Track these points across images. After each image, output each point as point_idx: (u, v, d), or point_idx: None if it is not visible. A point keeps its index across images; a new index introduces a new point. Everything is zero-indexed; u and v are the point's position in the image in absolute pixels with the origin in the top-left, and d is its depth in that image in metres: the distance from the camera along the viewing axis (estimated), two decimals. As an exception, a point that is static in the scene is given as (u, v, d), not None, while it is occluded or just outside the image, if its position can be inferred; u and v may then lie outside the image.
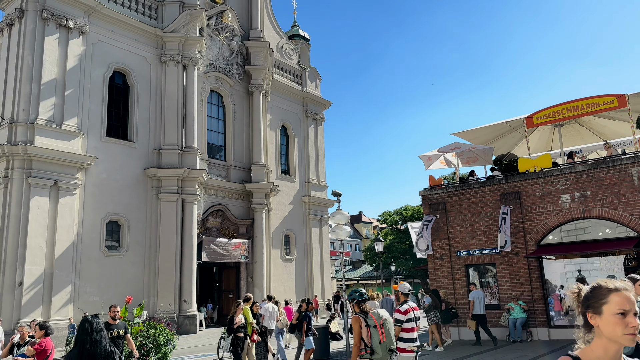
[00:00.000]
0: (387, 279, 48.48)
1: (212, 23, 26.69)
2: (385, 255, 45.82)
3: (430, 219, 16.45)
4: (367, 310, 5.58)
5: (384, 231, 53.75)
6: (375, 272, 53.76)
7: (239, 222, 26.49)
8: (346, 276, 51.91)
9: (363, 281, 58.02)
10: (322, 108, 33.99)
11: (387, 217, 52.20)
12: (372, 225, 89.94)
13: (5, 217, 18.47)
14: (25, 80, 19.35)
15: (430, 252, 16.38)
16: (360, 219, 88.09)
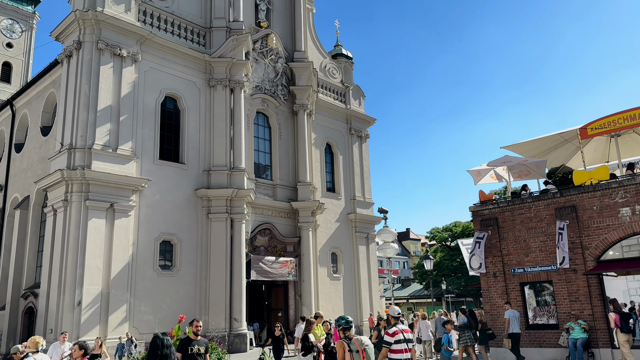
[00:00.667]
0: (438, 297, 47.26)
1: (257, 47, 27.39)
2: (435, 273, 44.78)
3: (482, 235, 15.97)
4: (351, 336, 6.20)
5: (433, 248, 52.68)
6: (425, 291, 52.55)
7: (286, 240, 26.67)
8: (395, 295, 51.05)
9: (413, 300, 56.81)
10: (366, 125, 33.99)
11: (436, 233, 51.13)
12: (421, 242, 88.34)
13: (65, 239, 19.37)
14: (83, 107, 20.42)
15: (483, 270, 15.87)
16: (408, 236, 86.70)
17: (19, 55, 53.77)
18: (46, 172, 21.71)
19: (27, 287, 23.69)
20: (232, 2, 26.23)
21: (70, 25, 21.39)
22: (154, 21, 23.50)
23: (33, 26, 55.85)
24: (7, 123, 28.95)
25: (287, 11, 30.33)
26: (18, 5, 54.90)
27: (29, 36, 55.05)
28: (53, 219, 20.17)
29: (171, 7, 24.35)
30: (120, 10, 21.89)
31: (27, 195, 25.16)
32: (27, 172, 25.58)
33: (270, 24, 28.85)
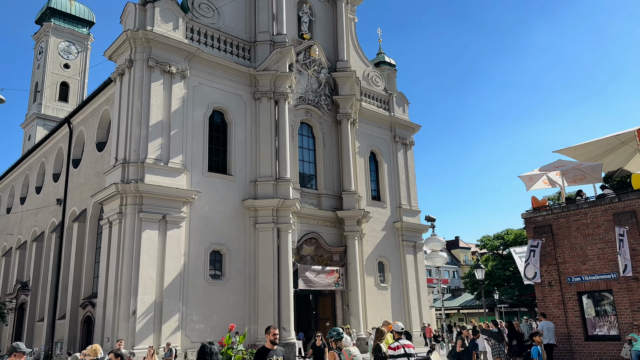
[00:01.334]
0: (490, 308, 45.87)
1: (300, 58, 27.73)
2: (487, 282, 43.50)
3: (536, 243, 15.42)
4: (342, 347, 6.67)
5: (484, 257, 51.23)
6: (477, 301, 51.15)
7: (332, 249, 26.67)
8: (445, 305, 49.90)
9: (464, 310, 55.38)
10: (410, 132, 33.66)
11: (487, 241, 49.73)
12: (471, 250, 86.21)
13: (120, 250, 20.14)
14: (135, 123, 21.27)
15: (538, 280, 15.31)
16: (457, 245, 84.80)
17: (75, 75, 56.69)
18: (102, 186, 22.69)
19: (85, 297, 24.74)
20: (276, 16, 26.72)
21: (122, 44, 22.38)
22: (200, 38, 24.25)
23: (88, 47, 58.81)
24: (65, 140, 30.50)
25: (330, 22, 30.59)
26: (74, 27, 58.01)
27: (84, 57, 58.00)
28: (109, 231, 21.02)
29: (217, 24, 25.06)
30: (169, 29, 22.73)
31: (84, 208, 26.36)
32: (84, 186, 26.82)
33: (313, 36, 29.17)
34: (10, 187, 39.67)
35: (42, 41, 56.49)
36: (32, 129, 52.99)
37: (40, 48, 57.01)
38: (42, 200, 32.43)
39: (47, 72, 54.49)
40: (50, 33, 55.57)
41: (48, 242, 30.01)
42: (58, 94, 54.98)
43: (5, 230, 38.02)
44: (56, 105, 54.29)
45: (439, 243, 15.72)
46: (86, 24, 59.47)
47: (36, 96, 54.99)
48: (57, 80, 55.03)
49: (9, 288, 34.24)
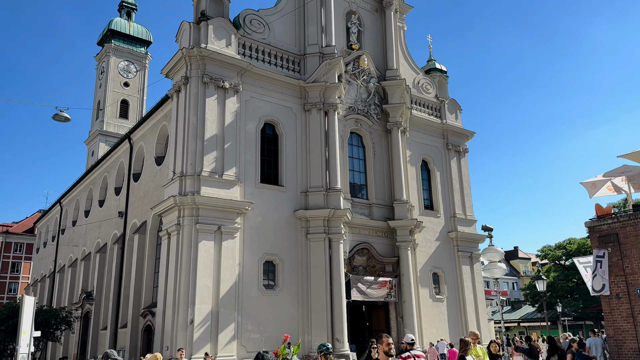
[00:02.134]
0: (552, 321, 43.85)
1: (349, 69, 27.82)
2: (549, 294, 41.62)
3: (602, 253, 14.61)
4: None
5: (545, 268, 49.11)
6: (538, 314, 49.06)
7: (385, 260, 26.36)
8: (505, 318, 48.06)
9: (524, 323, 53.20)
10: (464, 139, 32.91)
11: (548, 251, 47.65)
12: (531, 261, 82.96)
13: (178, 261, 20.77)
14: (192, 138, 21.98)
15: (607, 292, 14.48)
16: (516, 255, 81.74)
17: (135, 93, 59.46)
18: (160, 198, 23.55)
19: (145, 307, 25.65)
20: (325, 28, 26.98)
21: (178, 62, 23.26)
22: (252, 53, 24.83)
23: (146, 66, 61.59)
24: (126, 155, 31.95)
25: (378, 31, 30.54)
26: (133, 47, 60.94)
27: (142, 75, 60.77)
28: (167, 242, 21.75)
29: (268, 39, 25.59)
30: (222, 46, 23.43)
31: (144, 220, 27.43)
32: (144, 199, 27.93)
33: (362, 46, 29.20)
34: (76, 201, 41.88)
35: (104, 61, 59.67)
36: (95, 145, 55.91)
37: (102, 68, 60.23)
38: (105, 213, 34.02)
39: (109, 91, 57.43)
40: (111, 53, 58.64)
41: (110, 253, 31.42)
42: (119, 111, 57.79)
43: (71, 242, 40.13)
44: (117, 122, 57.05)
45: (497, 254, 15.17)
46: (144, 43, 62.35)
47: (99, 114, 58.04)
48: (118, 98, 57.90)
49: (75, 297, 36.04)
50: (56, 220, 46.70)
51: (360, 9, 29.87)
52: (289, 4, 26.85)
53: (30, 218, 78.45)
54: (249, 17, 25.25)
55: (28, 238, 75.30)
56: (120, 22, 60.75)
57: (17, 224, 79.48)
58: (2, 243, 75.23)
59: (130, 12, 63.73)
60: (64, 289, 39.26)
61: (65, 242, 41.90)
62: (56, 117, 18.16)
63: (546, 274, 44.24)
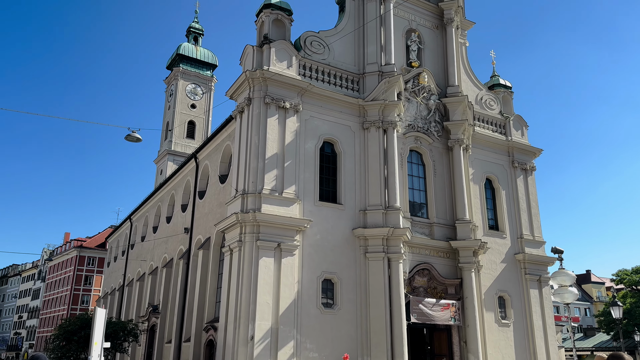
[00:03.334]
0: (630, 350, 40.71)
1: (409, 86, 27.62)
2: (626, 322, 38.75)
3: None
4: None
5: (620, 293, 45.82)
6: (613, 342, 45.74)
7: (447, 281, 25.57)
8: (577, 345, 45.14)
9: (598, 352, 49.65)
10: (531, 157, 31.61)
11: (624, 276, 44.55)
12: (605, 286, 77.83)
13: (239, 277, 21.17)
14: (253, 156, 22.55)
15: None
16: (588, 279, 77.00)
17: (201, 114, 62.05)
18: (224, 215, 24.21)
19: (208, 321, 26.27)
20: (384, 47, 27.02)
21: (242, 84, 24.05)
22: (312, 73, 25.25)
23: (211, 88, 64.24)
24: (192, 174, 33.23)
25: (439, 48, 30.19)
26: (199, 71, 63.81)
27: (208, 97, 63.39)
28: (229, 258, 22.26)
29: (327, 59, 25.96)
30: (284, 67, 24.01)
31: (208, 236, 28.27)
32: (208, 216, 28.84)
33: (422, 63, 28.95)
34: (145, 217, 43.91)
35: (172, 84, 62.83)
36: (164, 164, 58.62)
37: (170, 91, 63.42)
38: (171, 230, 35.41)
39: (177, 112, 60.30)
40: (179, 77, 61.71)
41: (176, 268, 32.57)
42: (186, 132, 60.44)
43: (140, 256, 42.01)
44: (184, 142, 59.63)
45: (567, 277, 14.31)
46: (210, 67, 65.16)
47: (167, 134, 60.98)
48: (185, 120, 60.62)
49: (142, 310, 37.54)
50: (126, 236, 49.14)
51: (421, 27, 29.71)
52: (348, 24, 27.18)
53: (103, 233, 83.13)
54: (309, 39, 25.77)
55: (100, 252, 79.70)
56: (188, 47, 63.87)
57: (90, 238, 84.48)
58: (77, 257, 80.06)
59: (198, 37, 66.92)
60: (132, 302, 41.03)
61: (134, 257, 43.93)
62: (128, 137, 19.25)
63: (622, 299, 41.23)
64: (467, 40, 31.99)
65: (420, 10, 29.88)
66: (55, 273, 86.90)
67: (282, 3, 25.60)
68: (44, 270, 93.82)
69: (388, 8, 27.67)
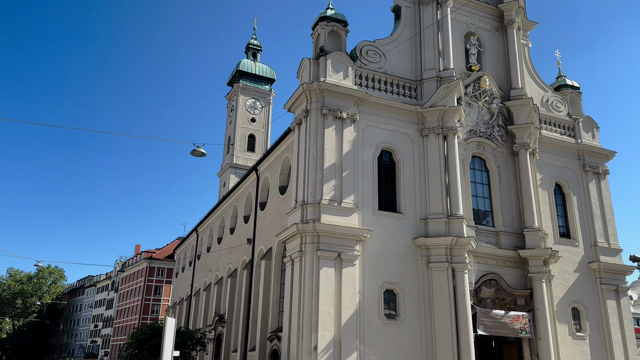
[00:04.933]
0: None
1: (469, 91, 26.92)
2: None
3: None
4: None
5: None
6: None
7: (515, 292, 24.47)
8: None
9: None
10: (603, 160, 29.81)
11: None
12: (693, 297, 71.31)
13: (301, 287, 21.30)
14: (312, 167, 22.73)
15: None
16: (673, 290, 70.87)
17: (260, 128, 63.50)
18: (284, 226, 24.53)
19: (272, 331, 26.59)
20: (442, 52, 26.55)
21: (300, 96, 24.39)
22: (368, 82, 25.21)
23: (270, 102, 65.68)
24: (253, 186, 33.99)
25: (500, 50, 29.26)
26: (258, 86, 65.46)
27: (267, 111, 64.83)
28: (291, 268, 22.48)
29: (383, 67, 25.84)
30: (340, 78, 24.14)
31: (270, 247, 28.73)
32: (269, 226, 29.33)
33: (482, 66, 28.17)
34: (210, 229, 45.33)
35: (233, 100, 64.84)
36: (226, 177, 60.38)
37: (231, 106, 65.47)
38: (235, 240, 36.31)
39: (238, 127, 62.10)
40: (239, 92, 63.62)
41: (240, 278, 33.31)
42: (246, 145, 62.04)
43: (206, 267, 43.34)
44: (245, 155, 61.20)
45: (649, 287, 13.29)
46: (268, 81, 66.71)
47: (229, 148, 62.85)
48: (246, 133, 62.26)
49: (208, 320, 38.62)
50: (193, 247, 50.91)
51: (480, 30, 28.96)
52: (404, 32, 26.95)
53: (171, 245, 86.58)
54: (365, 49, 25.78)
55: (168, 263, 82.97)
56: (248, 63, 65.76)
57: (159, 250, 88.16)
58: (147, 268, 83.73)
59: (256, 53, 68.75)
60: (199, 311, 42.32)
61: (201, 267, 45.38)
62: (194, 152, 20.01)
63: None
64: (529, 41, 30.81)
65: (479, 13, 29.15)
66: (127, 284, 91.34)
67: (337, 15, 25.82)
68: (116, 281, 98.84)
69: (445, 13, 27.21)
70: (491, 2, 29.70)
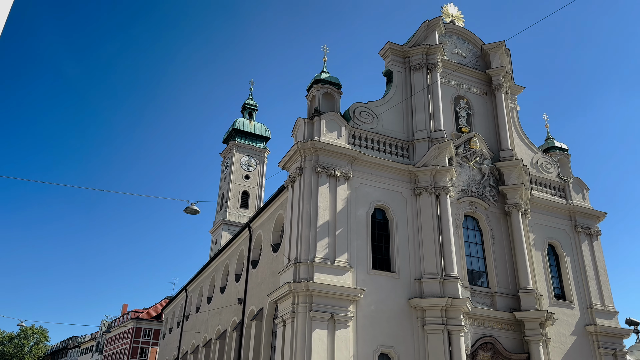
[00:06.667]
0: None
1: (460, 151, 27.46)
2: None
3: None
4: None
5: None
6: None
7: (513, 356, 23.82)
8: None
9: None
10: (594, 220, 30.02)
11: None
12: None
13: (293, 350, 20.61)
14: (305, 225, 22.67)
15: None
16: (673, 354, 69.22)
17: (254, 185, 63.80)
18: (276, 285, 24.11)
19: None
20: (433, 114, 27.32)
21: (294, 155, 24.73)
22: (362, 142, 25.69)
23: (264, 159, 66.44)
24: (245, 243, 33.68)
25: (489, 113, 30.15)
26: (253, 143, 66.44)
27: (261, 168, 65.44)
28: (282, 329, 21.87)
29: (376, 128, 26.43)
30: (334, 137, 24.62)
31: (261, 307, 28.06)
32: (261, 285, 28.80)
33: (472, 128, 28.89)
34: (200, 288, 44.38)
35: (228, 157, 65.59)
36: (219, 234, 59.92)
37: (226, 163, 66.13)
38: (225, 300, 35.48)
39: (232, 183, 62.42)
40: (234, 150, 64.47)
41: (229, 340, 32.24)
42: (240, 202, 62.08)
43: (194, 328, 42.06)
44: (238, 212, 61.10)
45: (648, 352, 13.01)
46: (263, 139, 67.82)
47: (222, 205, 62.82)
48: (239, 190, 62.50)
49: (196, 383, 36.97)
50: (181, 307, 49.59)
51: (469, 94, 29.95)
52: (396, 95, 27.81)
53: (159, 304, 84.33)
54: (358, 110, 26.47)
55: (156, 324, 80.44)
56: (243, 122, 67.11)
57: (147, 310, 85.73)
58: (134, 328, 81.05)
59: (252, 112, 70.33)
60: (186, 374, 40.59)
61: (189, 329, 44.01)
62: (187, 210, 19.99)
63: None
64: (517, 105, 31.83)
65: (468, 77, 30.26)
66: (112, 345, 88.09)
67: (331, 78, 26.71)
68: (102, 342, 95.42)
69: (435, 78, 28.22)
70: (479, 68, 30.92)
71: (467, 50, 31.18)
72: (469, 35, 31.42)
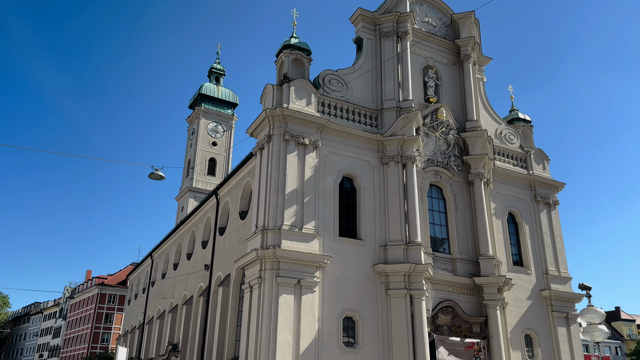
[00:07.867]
0: (669, 394, 38.82)
1: (427, 121, 27.76)
2: (662, 362, 37.02)
3: None
4: None
5: (654, 331, 43.90)
6: (650, 384, 43.73)
7: (471, 319, 24.90)
8: (610, 387, 43.04)
9: (634, 395, 47.40)
10: (553, 190, 31.14)
11: (657, 313, 42.77)
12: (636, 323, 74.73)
13: (259, 314, 20.96)
14: (273, 192, 22.70)
15: None
16: (618, 316, 74.13)
17: (222, 152, 63.03)
18: (244, 252, 24.23)
19: (227, 359, 25.89)
20: (401, 83, 27.39)
21: (262, 122, 24.49)
22: (331, 110, 25.62)
23: (232, 126, 65.49)
24: (212, 210, 33.52)
25: (457, 84, 30.45)
26: (221, 109, 65.26)
27: (229, 135, 64.56)
28: (249, 295, 22.13)
29: (346, 96, 26.36)
30: (303, 105, 24.44)
31: (228, 273, 28.23)
32: (228, 252, 28.88)
33: (440, 98, 29.17)
34: (165, 255, 44.16)
35: (194, 123, 64.30)
36: (185, 201, 59.29)
37: (192, 129, 64.86)
38: (192, 266, 35.48)
39: (198, 150, 61.44)
40: (200, 115, 63.19)
41: (196, 306, 32.43)
42: (207, 169, 61.34)
43: (160, 294, 42.02)
44: (205, 179, 60.43)
45: (597, 315, 13.82)
46: (231, 105, 66.64)
47: (189, 172, 61.94)
48: (206, 157, 61.63)
49: (161, 349, 37.25)
50: (147, 273, 49.34)
51: (437, 63, 30.09)
52: (366, 62, 27.68)
53: (124, 271, 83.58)
54: (328, 77, 26.27)
55: (121, 290, 79.94)
56: (210, 87, 65.61)
57: (111, 276, 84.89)
58: (98, 294, 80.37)
59: (219, 77, 68.76)
60: (152, 340, 40.80)
61: (155, 295, 43.95)
62: (152, 175, 19.66)
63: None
64: (484, 76, 32.23)
65: (437, 47, 30.33)
66: (76, 311, 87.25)
67: (301, 44, 26.29)
68: (65, 308, 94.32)
69: (405, 47, 28.17)
70: (448, 38, 31.01)
71: (437, 19, 31.14)
72: (439, 4, 31.34)
